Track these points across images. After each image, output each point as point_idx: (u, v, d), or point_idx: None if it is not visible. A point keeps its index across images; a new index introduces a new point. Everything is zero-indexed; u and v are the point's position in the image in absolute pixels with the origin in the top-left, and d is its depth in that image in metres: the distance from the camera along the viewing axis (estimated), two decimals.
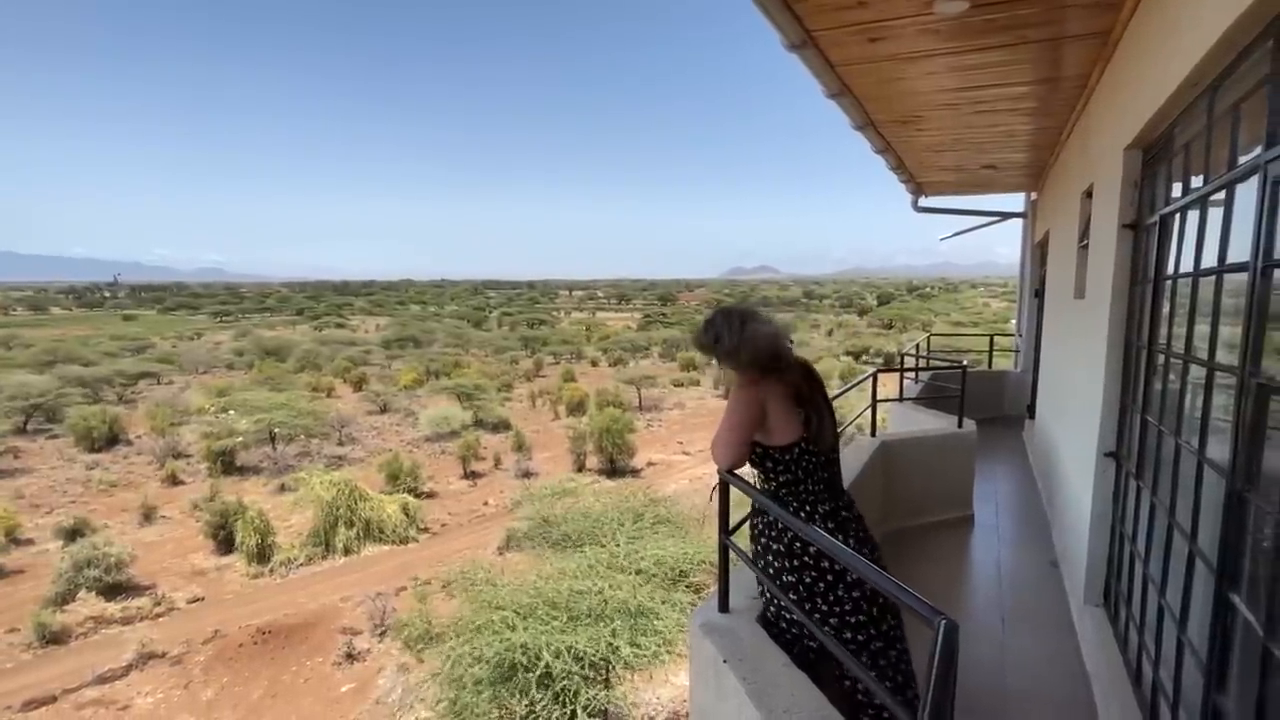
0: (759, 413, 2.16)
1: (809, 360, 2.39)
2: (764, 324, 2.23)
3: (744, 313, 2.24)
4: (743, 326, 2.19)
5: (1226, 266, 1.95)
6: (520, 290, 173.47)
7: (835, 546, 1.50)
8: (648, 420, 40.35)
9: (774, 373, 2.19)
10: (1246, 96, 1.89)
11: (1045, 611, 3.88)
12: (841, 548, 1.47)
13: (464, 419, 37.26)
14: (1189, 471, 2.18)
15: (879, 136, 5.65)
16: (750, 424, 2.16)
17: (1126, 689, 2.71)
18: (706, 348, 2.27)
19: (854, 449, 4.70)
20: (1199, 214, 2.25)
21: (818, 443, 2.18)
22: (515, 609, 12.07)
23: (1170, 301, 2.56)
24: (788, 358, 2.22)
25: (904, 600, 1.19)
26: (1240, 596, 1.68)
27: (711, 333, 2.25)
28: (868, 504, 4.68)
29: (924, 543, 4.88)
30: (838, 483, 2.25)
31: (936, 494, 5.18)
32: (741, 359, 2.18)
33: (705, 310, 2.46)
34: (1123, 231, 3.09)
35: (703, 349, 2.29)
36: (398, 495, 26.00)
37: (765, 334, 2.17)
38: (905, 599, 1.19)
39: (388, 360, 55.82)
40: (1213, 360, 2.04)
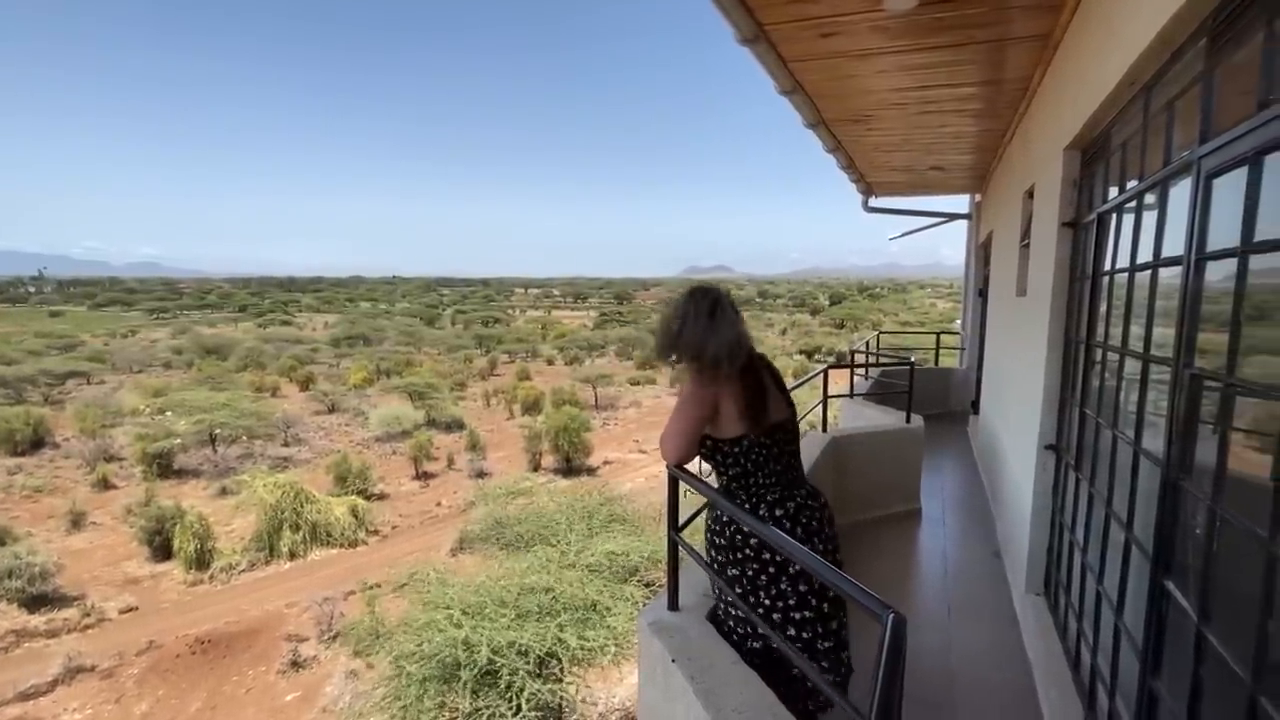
0: (709, 411, 2.10)
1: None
2: (731, 319, 2.13)
3: (716, 299, 2.15)
4: (710, 318, 2.09)
5: (1161, 261, 2.00)
6: (474, 288, 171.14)
7: (780, 538, 1.46)
8: (604, 419, 40.28)
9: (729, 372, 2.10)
10: (1180, 94, 1.94)
11: (989, 601, 3.97)
12: (785, 539, 1.43)
13: (416, 418, 36.60)
14: (1125, 462, 2.23)
15: (830, 135, 5.71)
16: (700, 421, 2.11)
17: (1065, 675, 2.77)
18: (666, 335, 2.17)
19: (806, 444, 4.72)
20: (1135, 210, 2.31)
21: (768, 432, 2.11)
22: (462, 608, 11.91)
23: (1108, 297, 2.63)
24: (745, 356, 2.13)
25: (851, 594, 1.17)
26: (1175, 583, 1.71)
27: (677, 321, 2.14)
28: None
29: (874, 536, 4.95)
30: (793, 474, 2.17)
31: (886, 488, 5.26)
32: (702, 357, 2.09)
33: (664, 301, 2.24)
34: (1062, 230, 3.16)
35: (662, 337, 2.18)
36: (346, 497, 25.38)
37: (728, 336, 2.09)
38: (852, 593, 1.17)
39: (336, 359, 54.41)
40: (1148, 353, 2.10)
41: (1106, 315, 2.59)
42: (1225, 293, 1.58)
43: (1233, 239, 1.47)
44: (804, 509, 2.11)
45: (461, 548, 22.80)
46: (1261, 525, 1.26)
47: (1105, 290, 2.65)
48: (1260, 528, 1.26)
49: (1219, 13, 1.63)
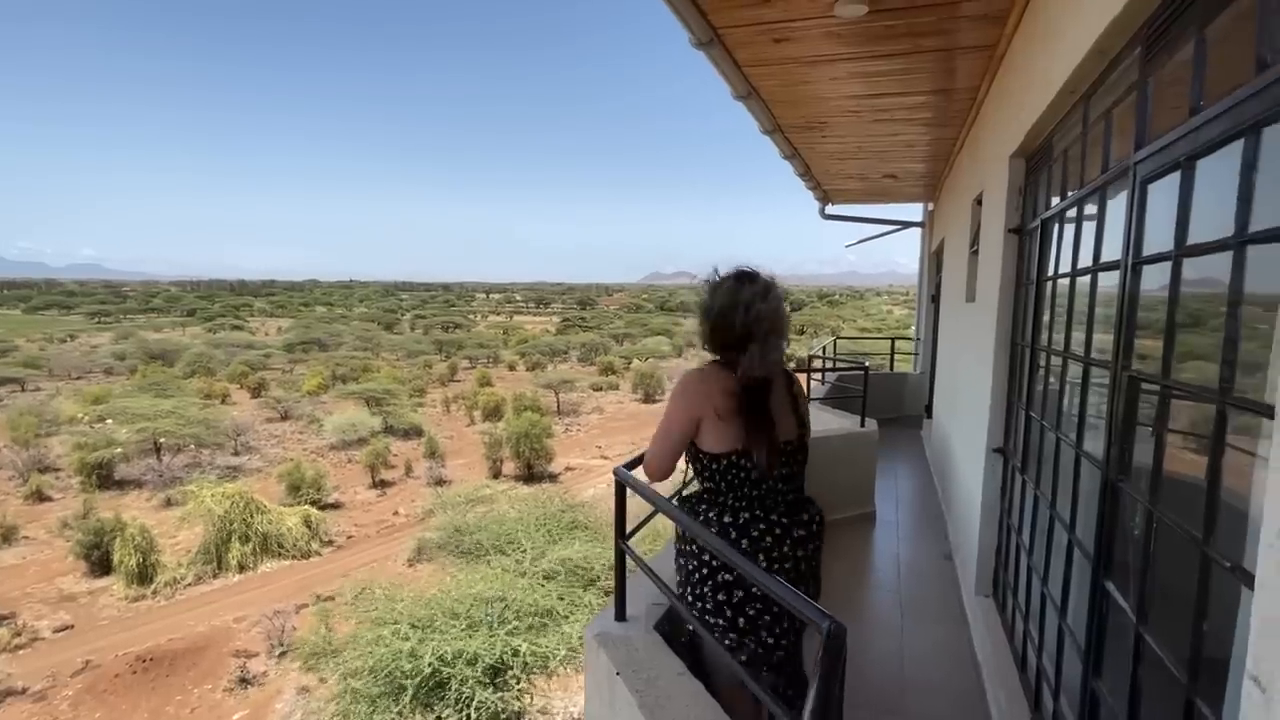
0: (690, 428, 1.96)
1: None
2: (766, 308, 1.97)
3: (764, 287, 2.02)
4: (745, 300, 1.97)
5: (1100, 265, 2.03)
6: (434, 292, 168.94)
7: (721, 547, 1.42)
8: (566, 425, 40.11)
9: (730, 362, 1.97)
10: (1117, 102, 1.97)
11: (940, 603, 4.01)
12: (724, 549, 1.39)
13: (373, 425, 35.96)
14: (1068, 464, 2.26)
15: (786, 142, 5.75)
16: (681, 436, 1.97)
17: (1013, 676, 2.80)
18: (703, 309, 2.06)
19: None
20: (1076, 216, 2.35)
21: (746, 449, 1.92)
22: (410, 622, 11.70)
23: (1051, 302, 2.67)
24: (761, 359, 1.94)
25: (791, 603, 1.13)
26: (1114, 584, 1.73)
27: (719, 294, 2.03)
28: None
29: (829, 540, 4.96)
30: (773, 500, 1.98)
31: (840, 492, 5.29)
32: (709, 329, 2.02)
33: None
34: (1008, 236, 3.22)
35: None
36: (299, 507, 24.80)
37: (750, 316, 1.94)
38: (792, 601, 1.13)
39: (290, 364, 53.13)
40: (1088, 356, 2.13)
41: (1050, 320, 2.63)
42: (1162, 297, 1.60)
43: (1167, 243, 1.49)
44: (754, 523, 1.94)
45: (419, 557, 22.45)
46: (1196, 527, 1.26)
47: (1049, 295, 2.69)
48: (1195, 529, 1.26)
49: (1153, 21, 1.66)
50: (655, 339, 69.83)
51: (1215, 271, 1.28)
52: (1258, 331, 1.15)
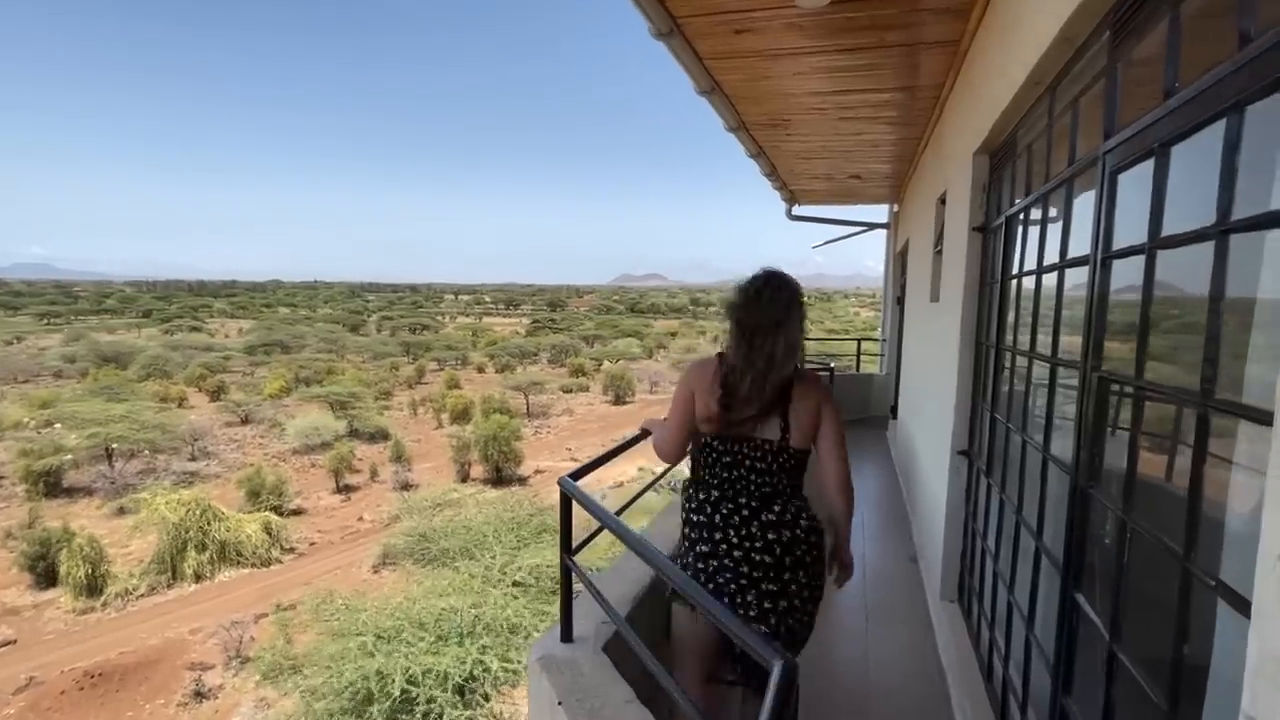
0: (689, 406, 2.13)
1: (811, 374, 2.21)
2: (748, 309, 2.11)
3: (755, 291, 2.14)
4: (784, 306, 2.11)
5: (1067, 262, 1.95)
6: (402, 293, 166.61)
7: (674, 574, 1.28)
8: (536, 427, 39.84)
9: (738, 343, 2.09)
10: (1084, 92, 1.89)
11: (905, 607, 3.94)
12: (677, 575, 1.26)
13: (337, 429, 35.34)
14: (1035, 468, 2.19)
15: (751, 140, 5.67)
16: (680, 415, 2.15)
17: (979, 685, 2.73)
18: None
19: None
20: (1041, 211, 2.28)
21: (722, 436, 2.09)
22: (377, 633, 11.41)
23: (1016, 300, 2.60)
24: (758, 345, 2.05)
25: (741, 635, 1.01)
26: (1085, 597, 1.64)
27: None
28: None
29: None
30: (745, 487, 2.08)
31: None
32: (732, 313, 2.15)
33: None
34: (972, 234, 3.16)
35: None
36: (259, 513, 24.25)
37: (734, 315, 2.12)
38: (743, 634, 1.01)
39: (251, 367, 51.93)
40: (1055, 356, 2.05)
41: (1015, 319, 2.56)
42: (1135, 294, 1.52)
43: (1139, 236, 1.40)
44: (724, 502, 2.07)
45: (384, 563, 22.06)
46: (1175, 538, 1.17)
47: (1014, 294, 2.63)
48: (1174, 541, 1.17)
49: (1121, 4, 1.57)
50: (626, 341, 69.79)
51: (1193, 265, 1.19)
52: (1241, 327, 1.06)
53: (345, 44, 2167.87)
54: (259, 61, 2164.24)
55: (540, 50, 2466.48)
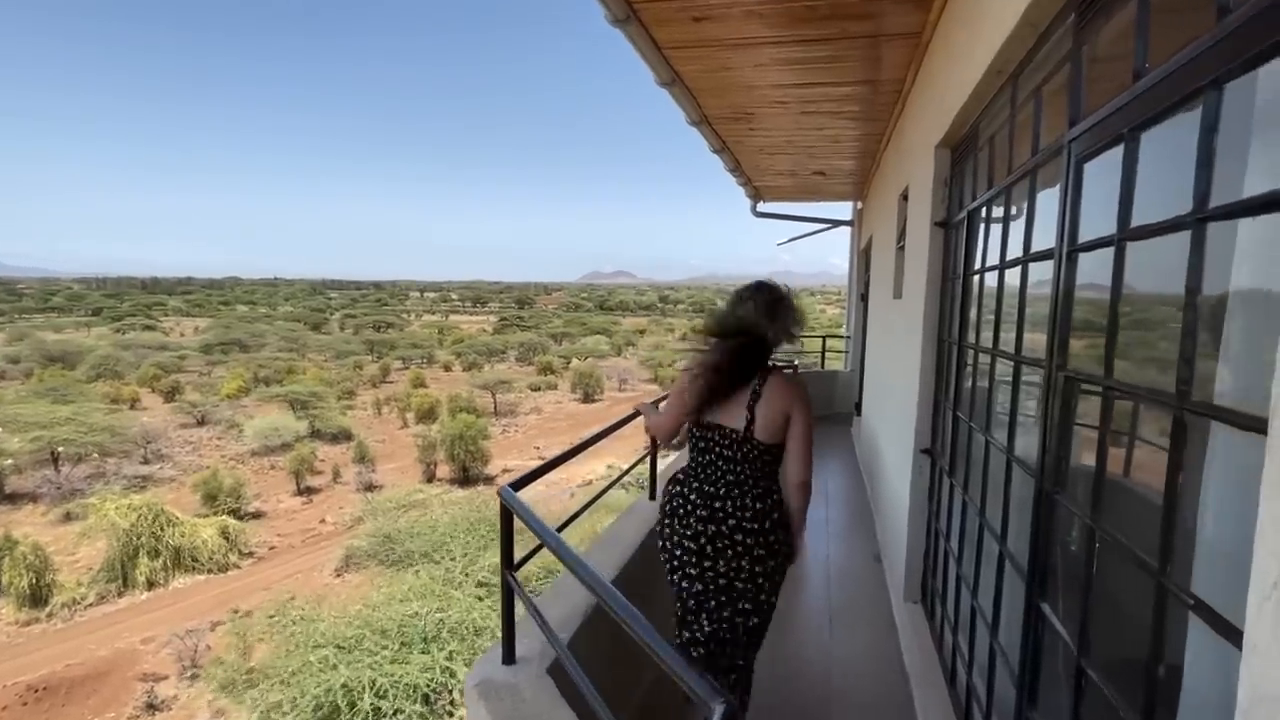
0: (680, 394, 2.30)
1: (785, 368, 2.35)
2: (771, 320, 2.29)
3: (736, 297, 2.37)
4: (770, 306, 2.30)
5: (1031, 256, 1.88)
6: (365, 290, 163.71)
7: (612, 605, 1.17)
8: (503, 426, 39.48)
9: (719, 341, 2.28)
10: (1048, 79, 1.82)
11: (868, 608, 3.88)
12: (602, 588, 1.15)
13: (298, 430, 34.59)
14: (999, 470, 2.12)
15: (715, 135, 5.58)
16: (676, 404, 2.32)
17: (942, 690, 2.67)
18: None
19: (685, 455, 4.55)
20: (1004, 205, 2.22)
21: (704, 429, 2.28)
22: (338, 643, 11.10)
23: (979, 296, 2.54)
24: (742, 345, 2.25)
25: (680, 675, 0.90)
26: (1052, 607, 1.56)
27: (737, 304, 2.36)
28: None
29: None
30: (713, 473, 2.25)
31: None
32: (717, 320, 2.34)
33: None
34: (934, 230, 3.10)
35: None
36: (216, 518, 23.61)
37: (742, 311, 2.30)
38: (683, 674, 0.90)
39: (208, 366, 50.51)
40: (1019, 354, 1.98)
41: (978, 315, 2.50)
42: (1101, 290, 1.44)
43: (1108, 228, 1.32)
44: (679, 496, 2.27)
45: (347, 566, 21.62)
46: (1146, 548, 1.09)
47: (976, 290, 2.57)
48: (1146, 552, 1.09)
49: None
50: (594, 338, 69.55)
51: (1166, 257, 1.11)
52: (1217, 324, 0.98)
53: (305, 37, 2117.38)
54: (215, 55, 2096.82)
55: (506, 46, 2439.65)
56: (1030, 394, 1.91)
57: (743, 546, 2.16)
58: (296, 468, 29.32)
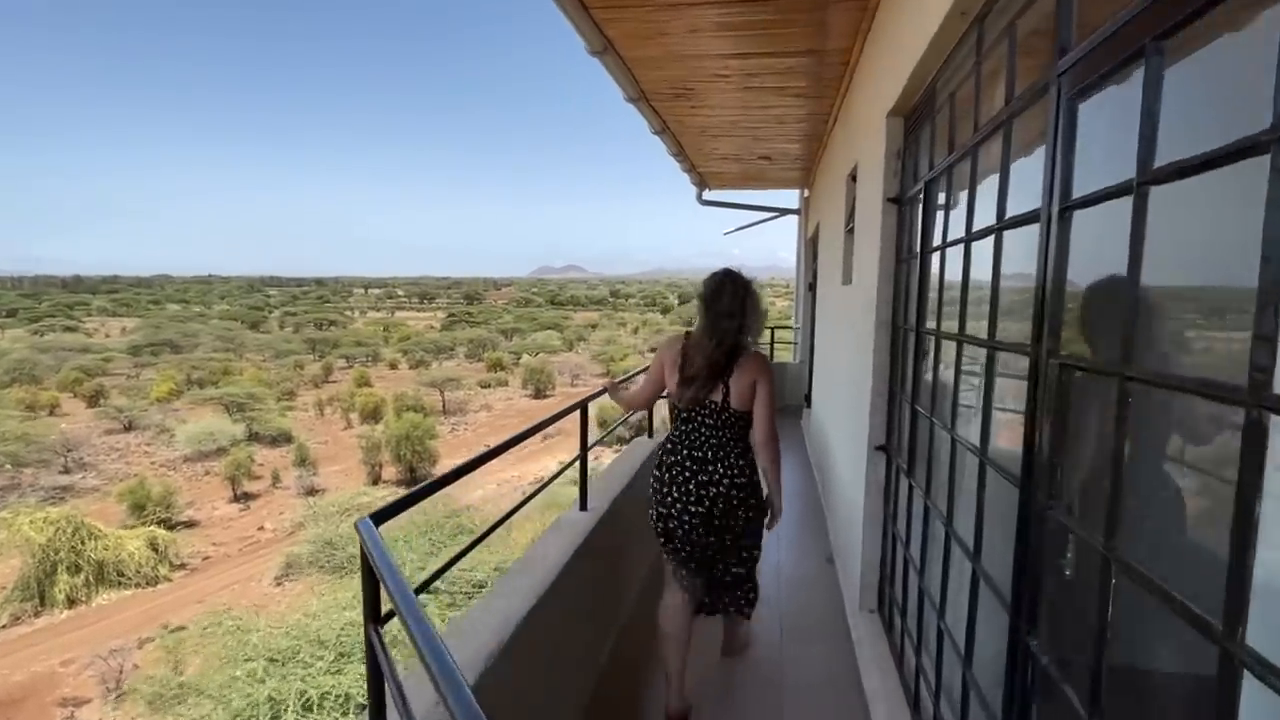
0: (660, 372, 2.74)
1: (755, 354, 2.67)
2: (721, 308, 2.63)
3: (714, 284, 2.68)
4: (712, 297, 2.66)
5: (1008, 222, 1.59)
6: (307, 288, 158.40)
7: None
8: (452, 424, 38.75)
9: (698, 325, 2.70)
10: (1024, 10, 1.53)
11: (823, 617, 3.62)
12: None
13: (234, 433, 33.27)
14: (969, 473, 1.84)
15: (654, 113, 5.24)
16: (653, 378, 2.79)
17: (904, 714, 2.40)
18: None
19: (626, 456, 4.20)
20: (969, 169, 1.93)
21: (680, 399, 2.66)
22: (271, 655, 10.53)
23: (940, 277, 2.26)
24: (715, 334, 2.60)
25: None
26: (1043, 647, 1.28)
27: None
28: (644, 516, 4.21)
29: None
30: (698, 438, 2.64)
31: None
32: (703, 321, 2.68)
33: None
34: (886, 206, 2.83)
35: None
36: (143, 528, 22.48)
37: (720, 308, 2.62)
38: None
39: (137, 369, 48.11)
40: (993, 339, 1.69)
41: (939, 298, 2.22)
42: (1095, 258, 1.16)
43: (1116, 174, 1.02)
44: (674, 464, 2.66)
45: (288, 575, 20.81)
46: (1183, 584, 0.80)
47: (936, 269, 2.29)
48: (1191, 597, 0.79)
49: None
50: (545, 333, 68.88)
51: (1206, 204, 0.82)
52: None
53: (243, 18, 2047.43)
54: (141, 36, 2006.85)
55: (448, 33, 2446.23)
56: (1009, 387, 1.63)
57: (737, 500, 2.62)
58: (232, 473, 28.20)
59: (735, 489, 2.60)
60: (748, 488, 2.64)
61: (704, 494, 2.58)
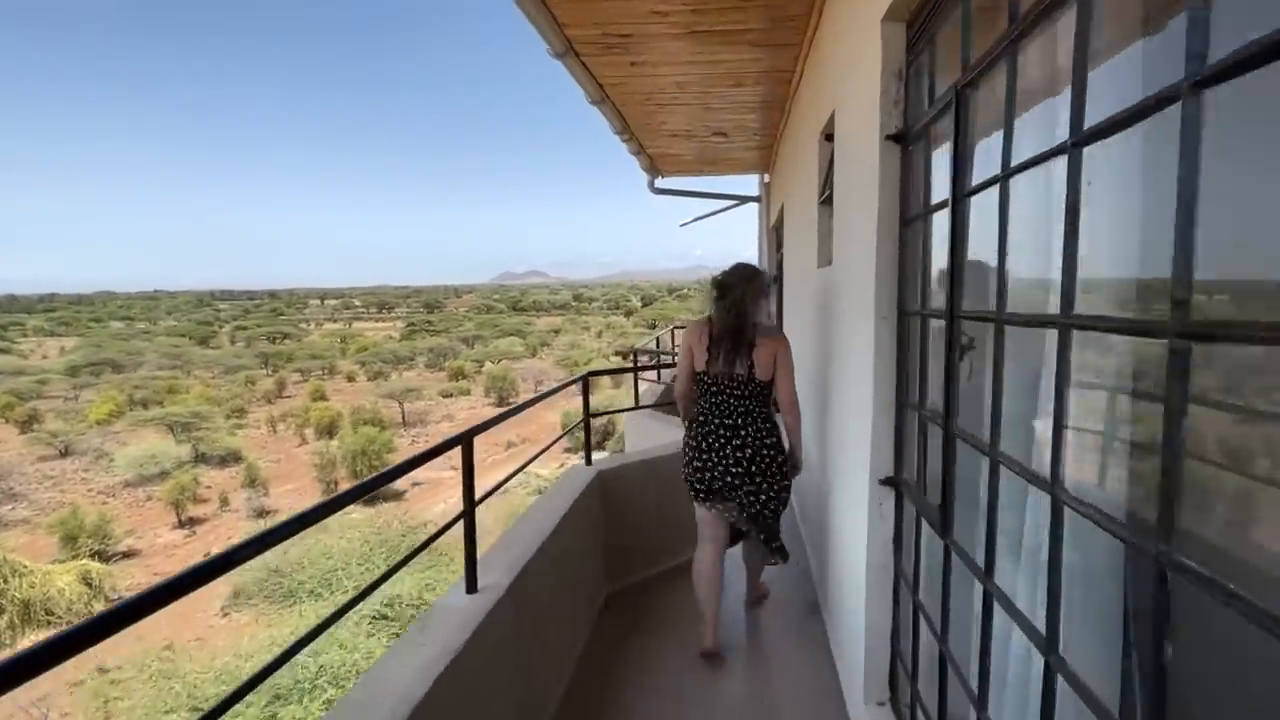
0: (687, 355, 3.12)
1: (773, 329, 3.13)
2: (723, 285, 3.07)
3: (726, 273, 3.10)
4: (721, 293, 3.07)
5: (1093, 131, 0.83)
6: (260, 301, 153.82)
7: None
8: (413, 436, 37.78)
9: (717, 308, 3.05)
10: None
11: (811, 709, 2.78)
12: None
13: (179, 455, 31.80)
14: (1029, 512, 1.12)
15: (587, 74, 4.42)
16: (684, 363, 3.14)
17: None
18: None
19: (563, 488, 3.35)
20: (1007, 78, 1.18)
21: (709, 374, 3.04)
22: (195, 704, 9.66)
23: (962, 238, 1.50)
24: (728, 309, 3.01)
25: None
26: None
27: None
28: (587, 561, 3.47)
29: (658, 599, 3.67)
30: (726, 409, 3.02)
31: (673, 530, 3.98)
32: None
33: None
34: (886, 148, 2.05)
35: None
36: (76, 562, 21.18)
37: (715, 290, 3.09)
38: None
39: (75, 391, 45.84)
40: (1069, 314, 0.95)
41: (998, 266, 1.45)
42: None
43: None
44: (709, 433, 3.04)
45: (235, 605, 19.81)
46: None
47: (963, 225, 1.54)
48: None
49: None
50: (508, 340, 67.86)
51: None
52: None
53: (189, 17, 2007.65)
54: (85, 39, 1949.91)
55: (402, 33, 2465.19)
56: (1096, 387, 0.90)
57: (768, 459, 2.98)
58: (176, 497, 26.83)
59: (764, 447, 2.99)
60: (774, 446, 3.02)
61: (740, 455, 2.96)
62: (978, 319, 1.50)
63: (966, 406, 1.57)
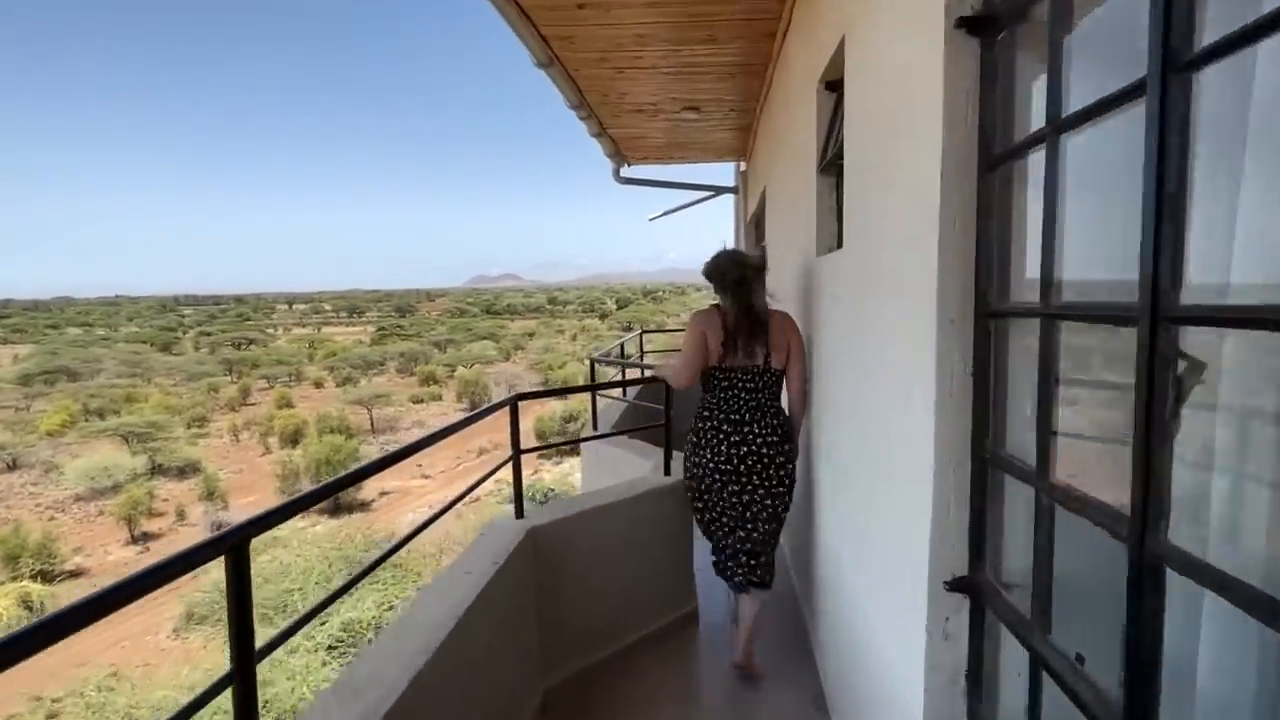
0: (702, 342, 2.87)
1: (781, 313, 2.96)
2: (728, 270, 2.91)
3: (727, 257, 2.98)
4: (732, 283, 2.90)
5: None
6: (226, 305, 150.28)
7: None
8: (381, 444, 36.66)
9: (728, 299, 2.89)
10: None
11: None
12: None
13: (134, 466, 30.59)
14: None
15: (533, 31, 3.60)
16: (694, 350, 2.88)
17: None
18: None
19: (478, 555, 2.39)
20: None
21: (723, 368, 2.87)
22: None
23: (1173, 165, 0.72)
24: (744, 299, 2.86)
25: None
26: None
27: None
28: (511, 653, 2.48)
29: (616, 693, 2.82)
30: (739, 403, 2.86)
31: (638, 593, 3.13)
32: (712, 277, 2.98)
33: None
34: (957, 40, 1.23)
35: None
36: (15, 583, 20.11)
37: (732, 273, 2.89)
38: None
39: (26, 400, 44.15)
40: None
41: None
42: None
43: None
44: (713, 430, 2.90)
45: (188, 625, 18.88)
46: None
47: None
48: None
49: None
50: (481, 344, 66.77)
51: None
52: None
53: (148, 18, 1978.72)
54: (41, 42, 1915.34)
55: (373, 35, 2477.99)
56: None
57: (769, 458, 2.84)
58: (129, 512, 25.60)
59: (768, 446, 2.82)
60: (780, 444, 2.85)
61: (734, 453, 2.82)
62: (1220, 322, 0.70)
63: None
